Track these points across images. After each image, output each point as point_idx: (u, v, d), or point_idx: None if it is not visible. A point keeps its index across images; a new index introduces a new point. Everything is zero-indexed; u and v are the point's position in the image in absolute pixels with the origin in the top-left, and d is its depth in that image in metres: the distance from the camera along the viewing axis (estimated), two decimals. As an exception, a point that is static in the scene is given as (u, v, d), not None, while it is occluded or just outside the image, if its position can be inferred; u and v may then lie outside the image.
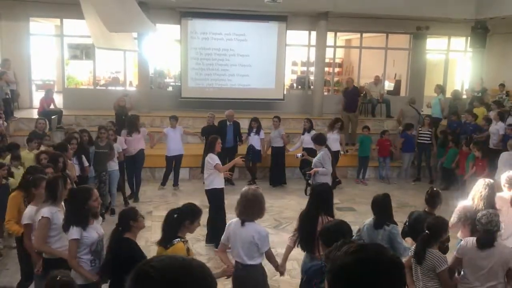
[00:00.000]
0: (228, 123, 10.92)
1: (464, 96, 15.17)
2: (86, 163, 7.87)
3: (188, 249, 4.27)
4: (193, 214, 4.35)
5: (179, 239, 4.21)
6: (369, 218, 5.11)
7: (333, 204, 5.03)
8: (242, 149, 11.10)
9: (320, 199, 4.93)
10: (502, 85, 13.58)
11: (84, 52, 14.81)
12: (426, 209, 5.34)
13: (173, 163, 10.33)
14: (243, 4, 12.96)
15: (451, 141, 11.08)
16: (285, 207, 9.60)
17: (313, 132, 10.78)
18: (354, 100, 12.99)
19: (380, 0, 13.20)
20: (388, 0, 13.20)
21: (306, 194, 8.02)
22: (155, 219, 8.50)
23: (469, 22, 14.28)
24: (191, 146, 11.33)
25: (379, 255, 1.48)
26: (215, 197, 7.44)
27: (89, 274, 4.37)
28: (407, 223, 5.36)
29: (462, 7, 13.69)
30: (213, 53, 13.98)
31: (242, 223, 4.54)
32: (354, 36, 16.82)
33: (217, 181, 7.33)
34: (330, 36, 14.94)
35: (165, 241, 4.23)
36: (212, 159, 7.23)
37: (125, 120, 10.12)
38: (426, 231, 4.37)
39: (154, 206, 9.23)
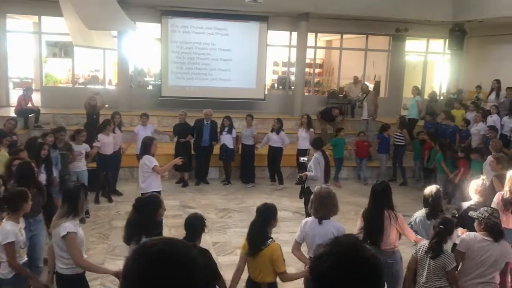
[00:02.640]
0: (205, 122, 10.89)
1: (441, 98, 15.43)
2: (54, 173, 7.27)
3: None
4: (274, 211, 4.50)
5: (271, 239, 4.39)
6: (419, 211, 5.38)
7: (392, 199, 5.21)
8: (218, 148, 11.08)
9: (383, 196, 5.10)
10: (479, 87, 13.81)
11: (62, 50, 14.66)
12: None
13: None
14: (224, 3, 12.95)
15: (431, 141, 11.19)
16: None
17: (281, 133, 10.90)
18: (330, 117, 12.99)
19: (360, 1, 13.33)
20: (368, 2, 13.34)
21: (300, 197, 7.92)
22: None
23: (447, 24, 14.52)
24: (164, 145, 11.20)
25: (356, 259, 1.47)
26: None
27: None
28: (457, 215, 5.47)
29: (441, 9, 13.91)
30: (193, 52, 13.93)
31: (320, 222, 4.71)
32: (335, 37, 16.94)
33: (155, 184, 6.84)
34: (310, 37, 15.01)
35: (257, 245, 4.32)
36: (150, 161, 6.81)
37: (110, 117, 9.98)
38: (441, 226, 4.47)
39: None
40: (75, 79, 14.84)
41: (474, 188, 5.51)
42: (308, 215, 7.48)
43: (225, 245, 7.46)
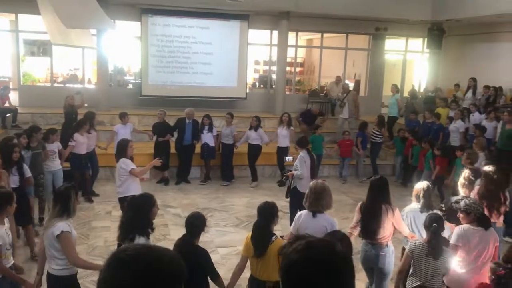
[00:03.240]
0: (187, 120, 10.85)
1: (420, 96, 15.62)
2: (28, 173, 7.01)
3: None
4: (276, 209, 4.60)
5: (275, 235, 4.48)
6: (409, 206, 5.52)
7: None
8: (199, 147, 11.04)
9: (381, 191, 5.18)
10: (457, 85, 14.03)
11: (41, 48, 14.41)
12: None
13: None
14: (204, 1, 12.91)
15: (414, 139, 11.31)
16: (247, 206, 9.61)
17: (260, 130, 10.93)
18: (311, 120, 13.03)
19: (340, 1, 13.44)
20: (348, 1, 13.45)
21: (286, 197, 7.86)
22: (114, 219, 8.37)
23: (425, 23, 14.70)
24: (143, 144, 11.11)
25: (328, 254, 1.48)
26: None
27: None
28: (443, 208, 5.62)
29: (419, 9, 14.08)
30: (174, 51, 13.86)
31: (314, 215, 4.81)
32: (315, 36, 17.02)
33: (134, 188, 6.56)
34: (291, 35, 15.06)
35: (264, 244, 4.37)
36: (126, 164, 6.56)
37: (84, 117, 9.87)
38: (435, 225, 4.60)
39: (113, 205, 9.08)
40: (53, 78, 14.65)
41: (461, 182, 5.78)
42: (292, 214, 7.55)
43: (207, 244, 7.40)
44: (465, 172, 5.94)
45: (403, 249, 5.35)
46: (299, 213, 5.04)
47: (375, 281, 5.26)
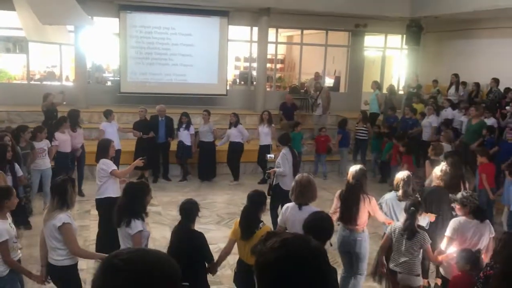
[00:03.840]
0: (160, 118, 10.75)
1: (401, 92, 15.79)
2: (20, 172, 6.99)
3: None
4: (265, 198, 4.91)
5: (263, 222, 4.71)
6: (387, 194, 5.93)
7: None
8: (174, 145, 10.97)
9: (362, 182, 5.47)
10: (435, 81, 14.20)
11: (17, 45, 14.14)
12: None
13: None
14: (183, -3, 12.83)
15: (387, 135, 11.45)
16: (228, 203, 9.61)
17: (239, 126, 10.91)
18: (291, 113, 13.10)
19: (320, -3, 13.46)
20: (327, -2, 13.48)
21: (268, 194, 7.84)
22: (93, 218, 8.27)
23: (404, 20, 14.83)
24: (130, 142, 11.02)
25: (302, 249, 1.49)
26: (108, 205, 6.06)
27: None
28: (419, 198, 5.79)
29: (398, 5, 14.19)
30: (153, 48, 13.73)
31: (300, 207, 4.96)
32: (295, 33, 17.04)
33: (113, 189, 6.37)
34: (272, 32, 15.05)
35: (251, 228, 4.57)
36: (107, 165, 6.35)
37: (68, 115, 9.72)
38: (412, 208, 4.95)
39: (92, 204, 8.95)
40: (30, 75, 14.38)
41: (436, 174, 6.01)
42: (272, 211, 7.55)
43: (188, 242, 7.40)
44: (442, 165, 6.13)
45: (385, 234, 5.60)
46: (285, 205, 5.20)
47: (354, 264, 5.54)
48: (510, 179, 7.61)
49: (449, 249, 4.98)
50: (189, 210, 4.64)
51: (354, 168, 5.57)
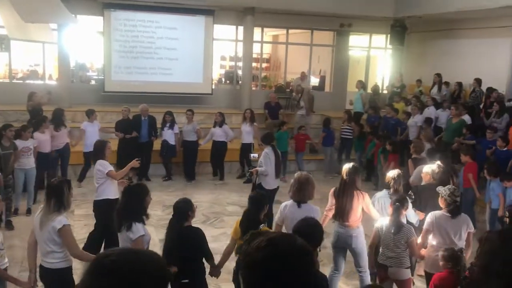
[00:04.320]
0: (143, 117, 10.68)
1: (385, 91, 15.91)
2: None
3: None
4: (266, 200, 5.01)
5: (263, 224, 4.76)
6: (379, 192, 6.07)
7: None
8: (158, 144, 10.90)
9: (355, 178, 5.61)
10: (419, 81, 14.33)
11: (-1, 43, 13.93)
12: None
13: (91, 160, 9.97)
14: (168, -4, 12.76)
15: (370, 134, 11.52)
16: (214, 202, 9.58)
17: (225, 126, 10.90)
18: (276, 113, 13.11)
19: (305, -4, 13.49)
20: (312, -3, 13.52)
21: None
22: (77, 218, 8.20)
23: (388, 20, 14.93)
24: (114, 141, 10.89)
25: (289, 248, 1.49)
26: (106, 208, 6.16)
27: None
28: (413, 196, 6.00)
29: (382, 5, 14.29)
30: (138, 46, 13.63)
31: (299, 205, 5.08)
32: (281, 32, 17.06)
33: (110, 190, 6.33)
34: (257, 31, 15.04)
35: (251, 229, 4.51)
36: (104, 166, 6.29)
37: (53, 114, 9.61)
38: (397, 203, 5.12)
39: (76, 204, 8.88)
40: (12, 74, 14.19)
41: (428, 172, 6.23)
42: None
43: (173, 242, 7.36)
44: (434, 165, 6.30)
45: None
46: (284, 203, 5.26)
47: (354, 260, 5.71)
48: (489, 178, 7.74)
49: (426, 241, 5.15)
50: (182, 209, 4.65)
51: (347, 166, 5.68)
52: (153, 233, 6.78)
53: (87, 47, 14.99)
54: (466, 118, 10.65)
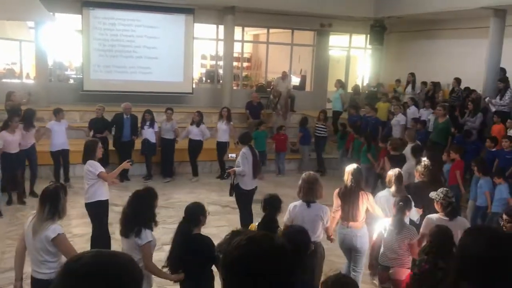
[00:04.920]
0: (125, 116, 10.58)
1: (365, 91, 16.04)
2: None
3: None
4: (280, 200, 5.07)
5: (280, 228, 4.80)
6: (382, 191, 6.18)
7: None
8: (139, 143, 10.82)
9: (360, 180, 5.71)
10: (398, 81, 14.49)
11: (-26, 41, 13.67)
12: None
13: (60, 159, 9.81)
14: (148, -6, 12.66)
15: (354, 133, 11.58)
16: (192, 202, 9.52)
17: (202, 126, 10.87)
18: (257, 112, 13.11)
19: (285, -4, 13.52)
20: (292, -3, 13.56)
21: (230, 194, 7.69)
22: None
23: (368, 20, 15.05)
24: (79, 141, 10.68)
25: (268, 247, 1.50)
26: (100, 210, 6.31)
27: (172, 276, 4.43)
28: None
29: (362, 6, 14.40)
30: (117, 45, 13.50)
31: (308, 205, 5.17)
32: (262, 32, 17.07)
33: (101, 192, 6.21)
34: (238, 30, 15.02)
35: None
36: (94, 167, 6.10)
37: (24, 114, 9.43)
38: (401, 203, 5.20)
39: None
40: (-12, 72, 13.96)
41: (418, 169, 6.47)
42: (242, 210, 7.50)
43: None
44: (424, 161, 6.46)
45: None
46: (293, 204, 5.31)
47: (353, 259, 5.75)
48: (478, 175, 7.84)
49: (422, 244, 5.10)
50: (194, 212, 4.54)
51: (351, 167, 5.73)
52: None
53: (65, 46, 14.79)
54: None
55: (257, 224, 5.01)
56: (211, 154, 11.24)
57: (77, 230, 7.52)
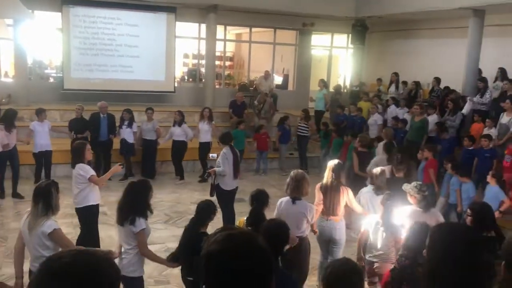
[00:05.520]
0: (101, 115, 10.45)
1: (345, 91, 16.17)
2: None
3: None
4: (267, 196, 5.24)
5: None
6: (365, 188, 6.33)
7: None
8: (117, 143, 10.73)
9: (340, 175, 5.94)
10: (379, 80, 14.63)
11: (-50, 39, 13.41)
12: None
13: (43, 160, 9.69)
14: (130, -8, 12.56)
15: (335, 132, 11.68)
16: (176, 201, 9.50)
17: (184, 126, 10.79)
18: (241, 112, 13.12)
19: (267, -5, 13.54)
20: (275, -4, 13.58)
21: (211, 195, 7.56)
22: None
23: (350, 20, 15.15)
24: (60, 141, 10.53)
25: (246, 243, 1.49)
26: (90, 215, 6.16)
27: (167, 262, 4.78)
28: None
29: (344, 5, 14.50)
30: (98, 43, 13.36)
31: (293, 202, 5.34)
32: (244, 31, 17.07)
33: (92, 196, 6.03)
34: (220, 29, 14.99)
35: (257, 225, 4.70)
36: (85, 170, 5.90)
37: (5, 115, 9.28)
38: (389, 201, 5.25)
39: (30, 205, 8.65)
40: (-35, 71, 13.70)
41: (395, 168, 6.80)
42: (224, 209, 7.49)
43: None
44: (399, 156, 6.78)
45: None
46: (280, 200, 5.50)
47: (332, 251, 5.96)
48: (451, 172, 7.95)
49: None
50: (202, 212, 4.80)
51: (332, 163, 5.96)
52: (113, 232, 6.62)
53: (45, 44, 14.58)
54: (435, 117, 10.86)
55: (245, 218, 5.15)
56: (193, 154, 11.17)
57: (57, 231, 7.42)
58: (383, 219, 5.22)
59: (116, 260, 4.54)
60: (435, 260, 2.00)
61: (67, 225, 7.11)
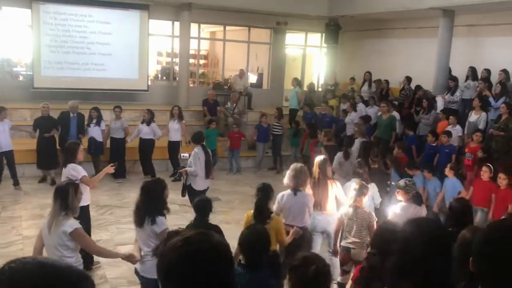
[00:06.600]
0: (71, 114, 10.27)
1: (320, 89, 16.28)
2: None
3: None
4: (272, 188, 5.17)
5: (272, 213, 5.07)
6: (349, 181, 6.42)
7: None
8: (86, 142, 10.54)
9: (326, 170, 6.10)
10: (352, 79, 14.77)
11: None
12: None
13: (4, 161, 9.43)
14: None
15: (308, 131, 11.76)
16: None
17: (152, 125, 10.66)
18: (214, 110, 13.10)
19: (241, -7, 13.52)
20: (248, -6, 13.57)
21: (182, 195, 7.52)
22: (3, 221, 7.81)
23: (323, 19, 15.26)
24: (25, 140, 10.28)
25: (205, 246, 1.47)
26: (81, 216, 6.20)
27: None
28: None
29: (317, 4, 14.59)
30: (69, 41, 13.12)
31: (295, 193, 5.51)
32: (218, 29, 17.01)
33: (84, 198, 5.80)
34: (194, 27, 14.91)
35: (264, 216, 4.87)
36: (77, 170, 5.83)
37: None
38: (355, 189, 5.54)
39: (3, 206, 8.46)
40: None
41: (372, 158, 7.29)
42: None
43: (106, 242, 7.17)
44: (374, 151, 7.35)
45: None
46: (280, 194, 5.61)
47: (328, 243, 6.20)
48: (411, 172, 8.06)
49: None
50: (203, 207, 4.88)
51: (318, 159, 6.16)
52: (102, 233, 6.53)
53: (14, 41, 14.25)
54: (395, 114, 11.15)
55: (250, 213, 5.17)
56: (165, 153, 11.08)
57: (27, 232, 7.29)
58: (352, 206, 5.47)
59: (137, 265, 4.57)
60: (400, 255, 2.01)
61: (37, 226, 6.97)
